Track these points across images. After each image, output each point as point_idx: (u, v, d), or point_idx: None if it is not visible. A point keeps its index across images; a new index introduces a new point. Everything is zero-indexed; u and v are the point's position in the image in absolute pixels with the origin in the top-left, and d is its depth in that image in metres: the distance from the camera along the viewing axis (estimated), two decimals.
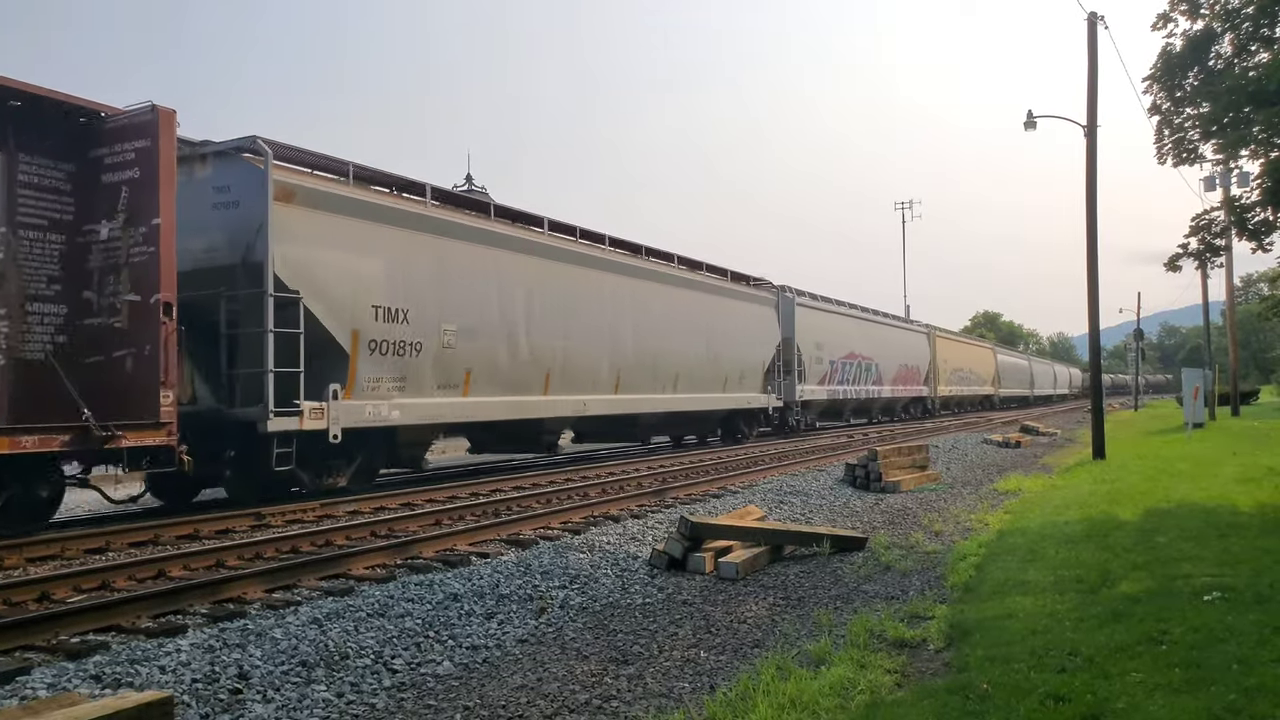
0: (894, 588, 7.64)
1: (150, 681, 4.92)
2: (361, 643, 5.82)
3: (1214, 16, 11.67)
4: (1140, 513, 10.19)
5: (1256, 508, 10.08)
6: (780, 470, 16.38)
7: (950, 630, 6.01)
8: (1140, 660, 4.91)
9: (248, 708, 4.80)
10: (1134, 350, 54.95)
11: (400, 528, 10.18)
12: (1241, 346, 50.00)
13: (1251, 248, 13.23)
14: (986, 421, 36.32)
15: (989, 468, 18.42)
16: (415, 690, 5.30)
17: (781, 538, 9.20)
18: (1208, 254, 14.37)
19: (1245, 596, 6.04)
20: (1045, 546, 8.57)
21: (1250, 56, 11.51)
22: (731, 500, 12.22)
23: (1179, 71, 12.10)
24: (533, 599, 7.16)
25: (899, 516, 11.85)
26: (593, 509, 11.47)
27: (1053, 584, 6.91)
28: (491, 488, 13.93)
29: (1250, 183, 13.30)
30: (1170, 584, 6.58)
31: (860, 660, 5.43)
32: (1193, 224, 13.96)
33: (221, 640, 5.58)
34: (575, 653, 6.01)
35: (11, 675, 4.99)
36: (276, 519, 10.93)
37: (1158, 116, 12.76)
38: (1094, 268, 18.71)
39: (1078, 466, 17.40)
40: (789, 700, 4.73)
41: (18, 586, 7.04)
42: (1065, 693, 4.46)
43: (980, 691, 4.62)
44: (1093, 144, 18.67)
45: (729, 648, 6.06)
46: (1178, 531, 8.68)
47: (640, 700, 5.08)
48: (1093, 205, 18.56)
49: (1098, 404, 19.26)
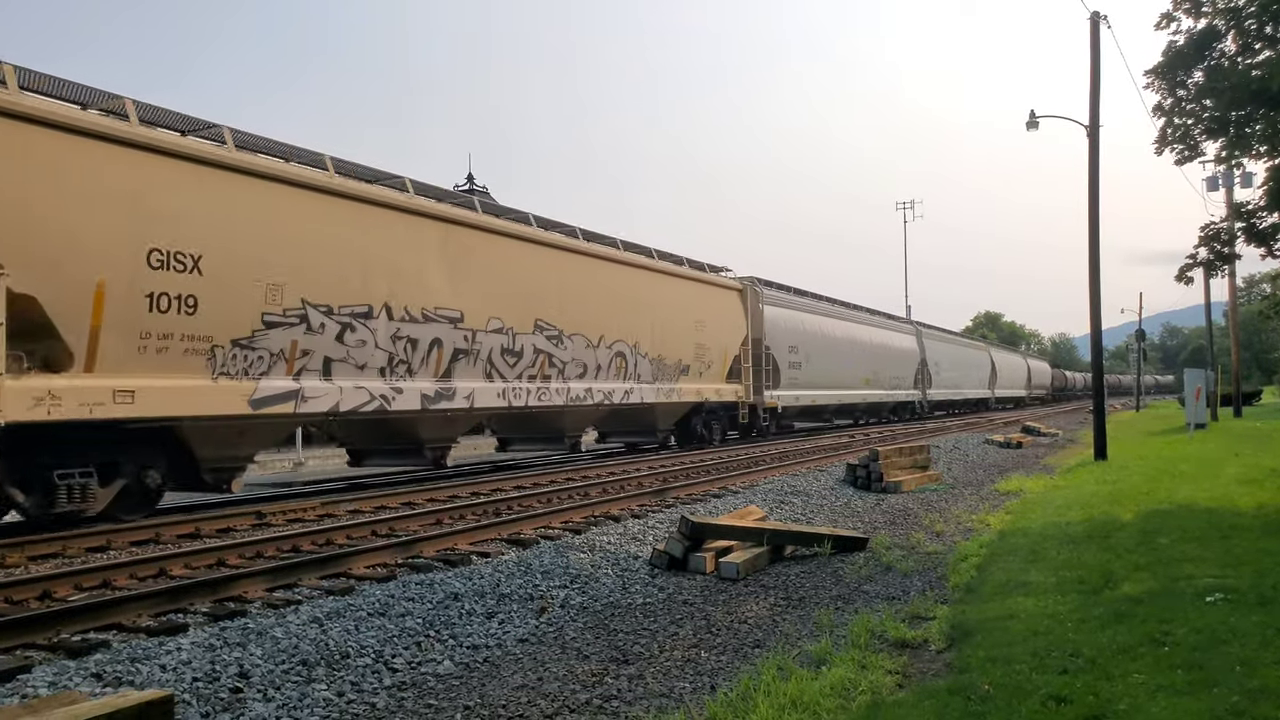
0: (895, 588, 7.63)
1: (151, 680, 4.92)
2: (362, 642, 5.82)
3: (1216, 14, 11.63)
4: (1142, 513, 10.17)
5: (1259, 509, 10.06)
6: (781, 470, 16.36)
7: (952, 631, 6.00)
8: (1142, 661, 4.90)
9: (248, 706, 4.80)
10: (1136, 351, 54.89)
11: (401, 527, 10.18)
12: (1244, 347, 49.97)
13: (1261, 253, 13.16)
14: (988, 422, 36.29)
15: (990, 468, 18.41)
16: (416, 689, 5.30)
17: (782, 538, 9.19)
18: (1218, 263, 14.31)
19: (1248, 598, 6.03)
20: (1047, 547, 8.56)
21: (1254, 54, 11.47)
22: (732, 500, 12.21)
23: (1181, 68, 12.06)
24: (533, 598, 7.15)
25: (900, 517, 11.84)
26: (593, 508, 11.46)
27: (1054, 585, 6.89)
28: (492, 487, 13.93)
29: (1256, 186, 13.25)
30: (1172, 585, 6.56)
31: (861, 661, 5.42)
32: (1202, 234, 13.89)
33: (222, 639, 5.58)
34: (576, 652, 6.00)
35: (12, 673, 4.99)
36: (277, 518, 10.94)
37: (1160, 115, 12.73)
38: (1096, 268, 18.69)
39: (1079, 467, 17.38)
40: (790, 701, 4.72)
41: (19, 585, 7.04)
42: (1067, 694, 4.45)
43: (982, 692, 4.61)
44: (1095, 144, 18.65)
45: (730, 648, 6.06)
46: (1180, 532, 8.67)
47: (641, 700, 5.07)
48: (1095, 205, 18.54)
49: (1099, 405, 19.25)
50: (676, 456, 19.53)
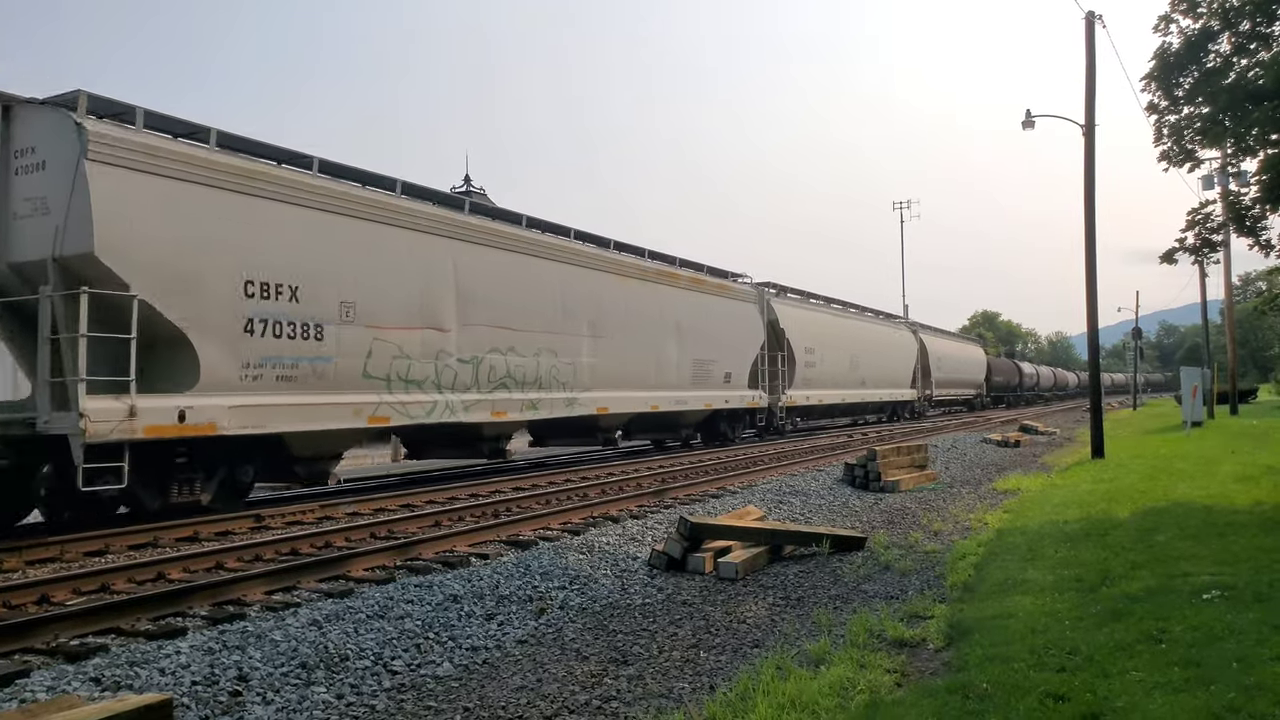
0: (893, 587, 7.64)
1: (150, 684, 4.91)
2: (361, 644, 5.82)
3: (1212, 15, 11.67)
4: (1139, 511, 10.19)
5: (1255, 506, 10.09)
6: (779, 470, 16.38)
7: (950, 630, 6.01)
8: (1140, 659, 4.91)
9: (247, 710, 4.80)
10: (1133, 349, 55.00)
11: (400, 529, 10.18)
12: (1240, 345, 50.05)
13: (1249, 244, 13.22)
14: (985, 421, 36.33)
15: (988, 467, 18.43)
16: (415, 691, 5.30)
17: (781, 538, 9.20)
18: (1205, 249, 14.35)
19: (1244, 595, 6.04)
20: (1044, 545, 8.57)
21: (1248, 55, 11.51)
22: (731, 500, 12.22)
23: (1176, 70, 12.10)
24: (532, 600, 7.16)
25: (898, 516, 11.86)
26: (592, 509, 11.47)
27: (1052, 583, 6.91)
28: (491, 488, 13.93)
29: (1248, 179, 13.29)
30: (1169, 582, 6.58)
31: (860, 660, 5.43)
32: (1189, 218, 13.97)
33: (221, 642, 5.58)
34: (575, 653, 6.01)
35: (11, 678, 4.99)
36: (276, 520, 10.93)
37: (1155, 116, 12.77)
38: (1092, 266, 18.72)
39: (1077, 465, 17.41)
40: (789, 700, 4.72)
41: (17, 589, 7.04)
42: (1065, 692, 4.46)
43: (980, 691, 4.62)
44: (1091, 143, 18.70)
45: (728, 648, 6.07)
46: (1177, 530, 8.69)
47: (640, 700, 5.08)
48: (1091, 204, 18.59)
49: (1096, 403, 19.28)
50: (676, 457, 19.55)
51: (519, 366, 15.41)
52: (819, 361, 28.20)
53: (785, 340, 26.12)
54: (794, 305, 27.91)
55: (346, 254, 12.27)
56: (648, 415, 20.03)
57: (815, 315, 29.32)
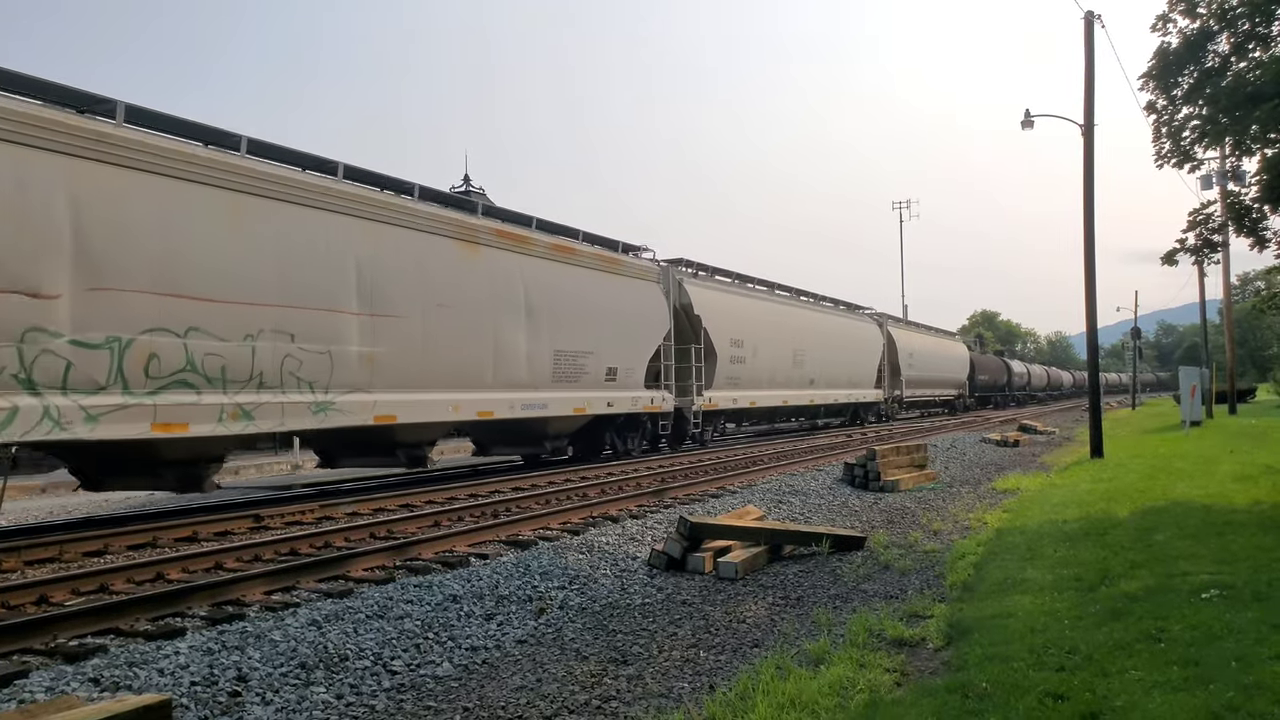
0: (893, 587, 7.64)
1: (149, 684, 4.91)
2: (361, 644, 5.82)
3: (1210, 15, 11.68)
4: (1138, 511, 10.20)
5: (1254, 505, 10.09)
6: (779, 470, 16.42)
7: (949, 629, 6.01)
8: (1139, 658, 4.91)
9: (247, 710, 4.80)
10: (1132, 349, 55.05)
11: (399, 529, 10.18)
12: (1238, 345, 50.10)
13: (1250, 244, 13.23)
14: (984, 421, 36.35)
15: (987, 466, 18.44)
16: (415, 691, 5.30)
17: (780, 537, 9.20)
18: (1205, 249, 14.37)
19: (1243, 594, 6.05)
20: (1044, 545, 8.58)
21: (1247, 55, 11.52)
22: (730, 500, 12.22)
23: (1175, 70, 12.11)
24: (532, 600, 7.16)
25: (898, 515, 11.86)
26: (592, 509, 11.47)
27: (1051, 582, 6.91)
28: (491, 489, 13.93)
29: (1248, 180, 13.31)
30: (1169, 582, 6.58)
31: (859, 659, 5.43)
32: (1190, 218, 13.99)
33: (220, 643, 5.58)
34: (575, 653, 6.01)
35: (10, 678, 4.99)
36: (275, 520, 10.93)
37: (1154, 115, 12.78)
38: (1091, 266, 18.73)
39: (1076, 465, 17.41)
40: (788, 700, 4.73)
41: (16, 589, 7.03)
42: (1064, 691, 4.47)
43: (979, 690, 4.62)
44: (1090, 143, 18.70)
45: (728, 647, 6.07)
46: (1175, 529, 8.69)
47: (640, 700, 5.08)
48: (1090, 204, 18.59)
49: (1095, 403, 19.29)
50: (675, 457, 19.53)
51: (213, 355, 10.28)
52: (750, 356, 23.33)
53: (702, 330, 21.16)
54: (715, 288, 22.76)
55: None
56: (481, 424, 15.59)
57: (744, 301, 24.20)
